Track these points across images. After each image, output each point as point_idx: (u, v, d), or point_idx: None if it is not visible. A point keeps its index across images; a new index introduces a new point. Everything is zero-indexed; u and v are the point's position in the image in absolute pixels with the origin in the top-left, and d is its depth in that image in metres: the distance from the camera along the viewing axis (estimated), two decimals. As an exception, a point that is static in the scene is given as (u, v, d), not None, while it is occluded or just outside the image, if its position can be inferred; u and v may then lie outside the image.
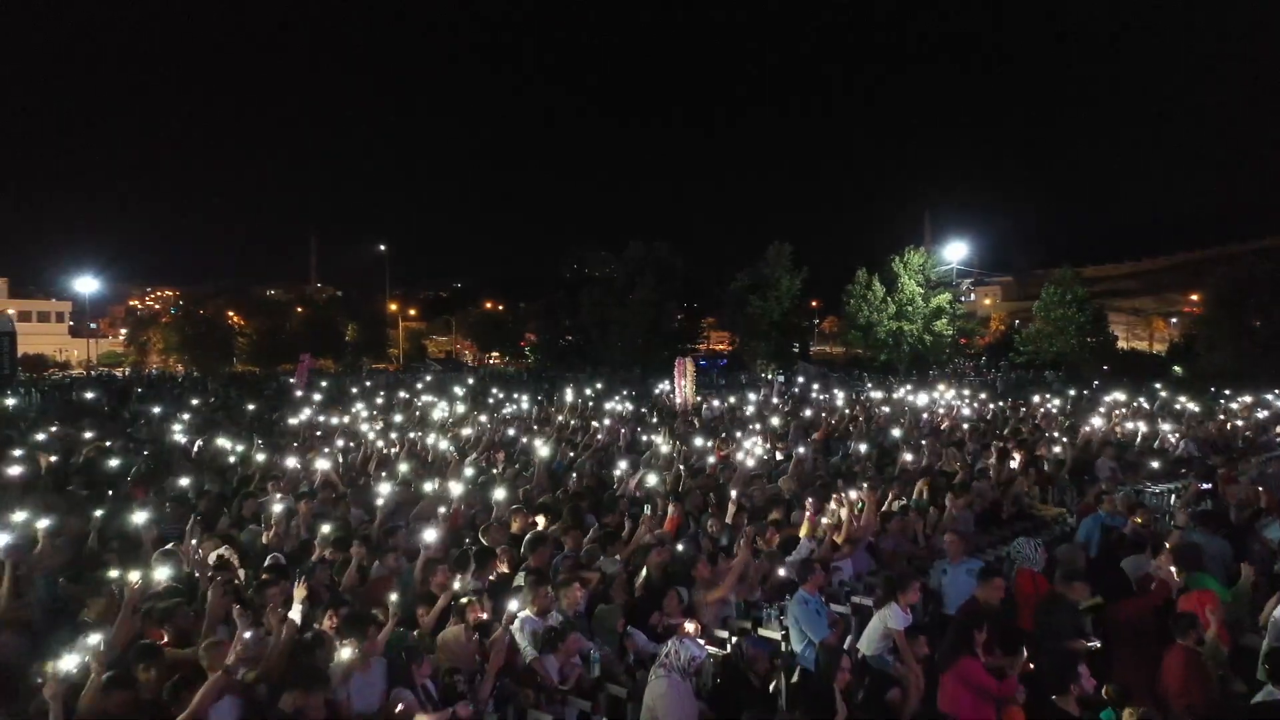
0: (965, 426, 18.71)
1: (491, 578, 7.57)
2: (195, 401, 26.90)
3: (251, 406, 24.54)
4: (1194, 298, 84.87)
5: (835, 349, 72.18)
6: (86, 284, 71.52)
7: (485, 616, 6.34)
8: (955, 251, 58.91)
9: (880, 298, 51.52)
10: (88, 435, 15.91)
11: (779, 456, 14.94)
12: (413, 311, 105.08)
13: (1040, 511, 12.06)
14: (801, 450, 13.19)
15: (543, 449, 12.93)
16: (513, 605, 6.21)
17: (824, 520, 9.07)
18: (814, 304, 76.74)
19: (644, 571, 7.86)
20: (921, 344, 52.12)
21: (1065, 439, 15.75)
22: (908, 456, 14.26)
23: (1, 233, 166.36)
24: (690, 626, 6.77)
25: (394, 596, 6.43)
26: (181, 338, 70.16)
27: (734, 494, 10.19)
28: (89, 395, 29.18)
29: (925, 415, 20.79)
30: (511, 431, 17.32)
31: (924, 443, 15.38)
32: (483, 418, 19.44)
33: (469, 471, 12.19)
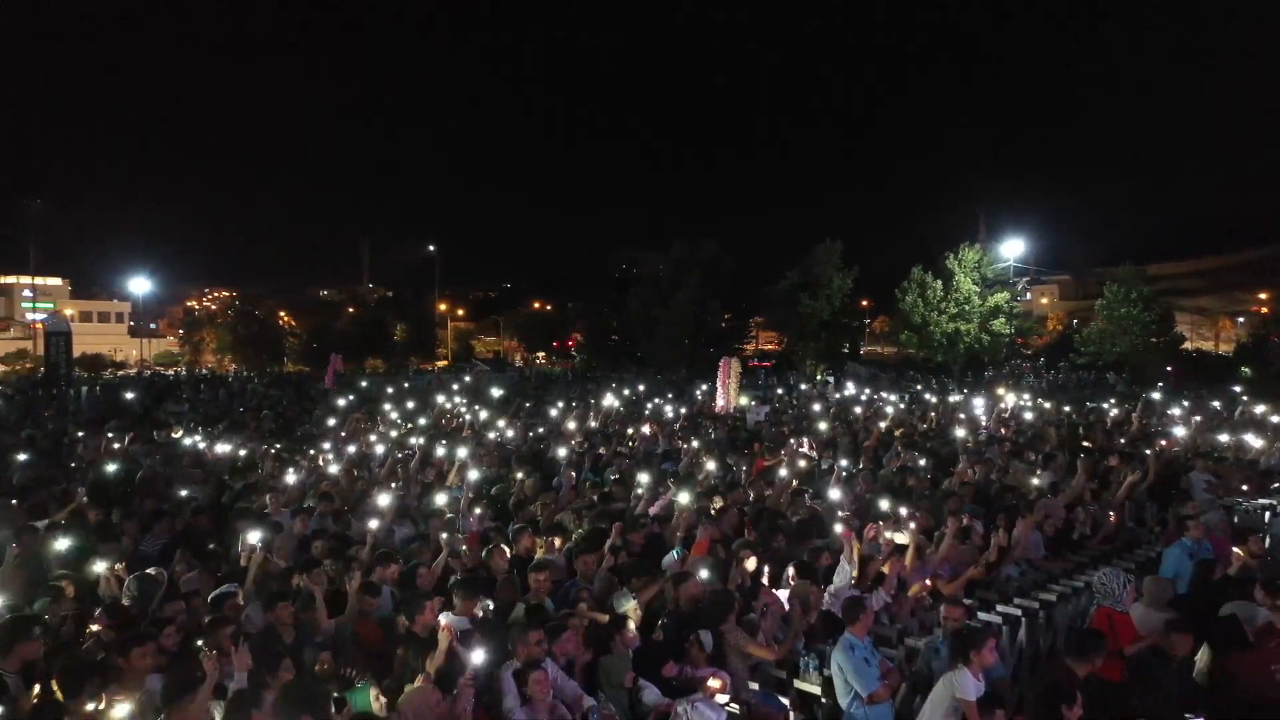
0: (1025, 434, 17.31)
1: (478, 613, 6.55)
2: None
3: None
4: (1262, 296, 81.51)
5: (887, 349, 70.41)
6: (140, 284, 72.73)
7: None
8: (1012, 248, 56.73)
9: (938, 296, 49.76)
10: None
11: (824, 465, 13.72)
12: (461, 312, 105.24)
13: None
14: (845, 462, 11.94)
15: (564, 460, 11.66)
16: (475, 656, 5.21)
17: (882, 538, 7.95)
18: (864, 303, 75.03)
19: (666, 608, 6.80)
20: (978, 344, 50.32)
21: (1148, 450, 14.18)
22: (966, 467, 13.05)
23: (65, 236, 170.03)
24: (716, 683, 5.75)
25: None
26: (234, 338, 71.11)
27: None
28: (129, 395, 28.91)
29: (984, 421, 19.42)
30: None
31: (987, 453, 14.05)
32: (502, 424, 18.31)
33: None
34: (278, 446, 14.79)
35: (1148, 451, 13.46)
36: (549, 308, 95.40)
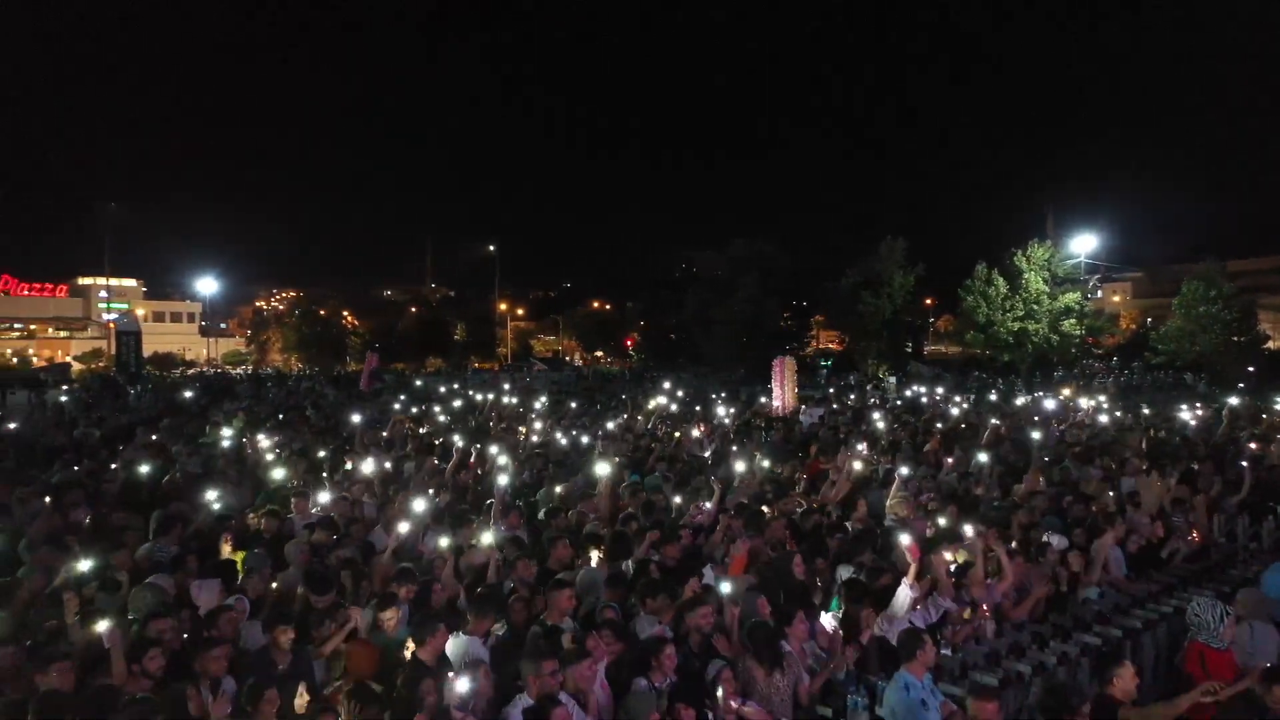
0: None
1: (499, 630, 5.98)
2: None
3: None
4: (1350, 293, 77.49)
5: (951, 349, 68.66)
6: (207, 285, 74.71)
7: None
8: (1083, 244, 54.70)
9: (1003, 295, 48.09)
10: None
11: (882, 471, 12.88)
12: (520, 311, 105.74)
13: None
14: (905, 470, 11.10)
15: (603, 464, 10.91)
16: (460, 685, 4.60)
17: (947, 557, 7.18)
18: (928, 302, 73.30)
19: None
20: (1047, 344, 48.56)
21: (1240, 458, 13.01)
22: (1038, 476, 12.16)
23: (139, 237, 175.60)
24: (751, 709, 5.11)
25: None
26: (298, 337, 72.38)
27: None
28: (188, 394, 29.19)
29: (1054, 424, 18.34)
30: (564, 440, 15.30)
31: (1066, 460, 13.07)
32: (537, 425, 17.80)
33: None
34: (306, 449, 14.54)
35: (1243, 462, 12.25)
36: (608, 307, 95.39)
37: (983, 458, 13.07)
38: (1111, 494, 10.90)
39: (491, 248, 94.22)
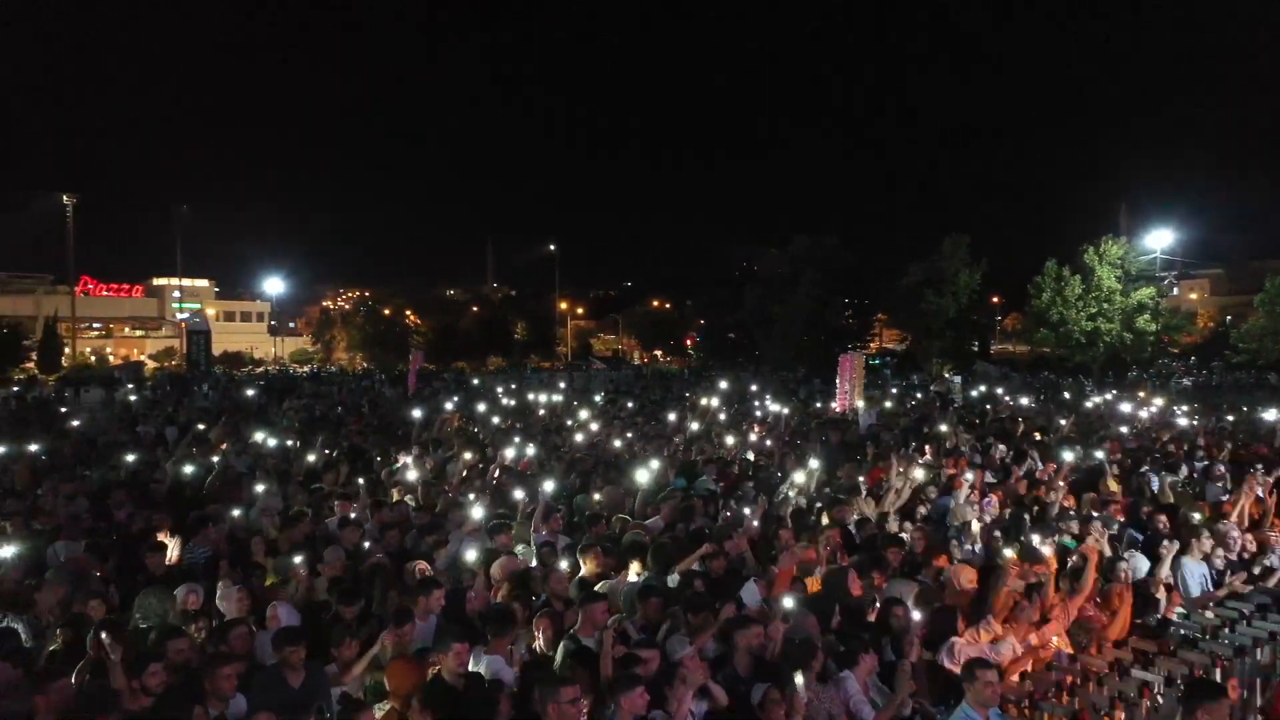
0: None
1: (521, 651, 5.61)
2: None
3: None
4: None
5: (1019, 348, 66.82)
6: (274, 285, 76.54)
7: None
8: (1159, 239, 52.66)
9: (1076, 293, 46.48)
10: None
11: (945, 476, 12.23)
12: (580, 310, 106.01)
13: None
14: (970, 476, 10.50)
15: (644, 470, 10.35)
16: None
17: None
18: (995, 300, 71.50)
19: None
20: (1120, 343, 46.84)
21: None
22: (1112, 484, 11.47)
23: (210, 239, 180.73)
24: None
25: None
26: (362, 336, 73.51)
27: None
28: (250, 392, 29.61)
29: (1128, 429, 17.44)
30: (618, 443, 14.66)
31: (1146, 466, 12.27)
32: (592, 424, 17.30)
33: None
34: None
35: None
36: (667, 306, 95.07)
37: (1068, 455, 12.35)
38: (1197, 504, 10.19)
39: (552, 247, 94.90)
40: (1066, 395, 28.11)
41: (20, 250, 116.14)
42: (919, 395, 29.62)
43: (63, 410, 23.35)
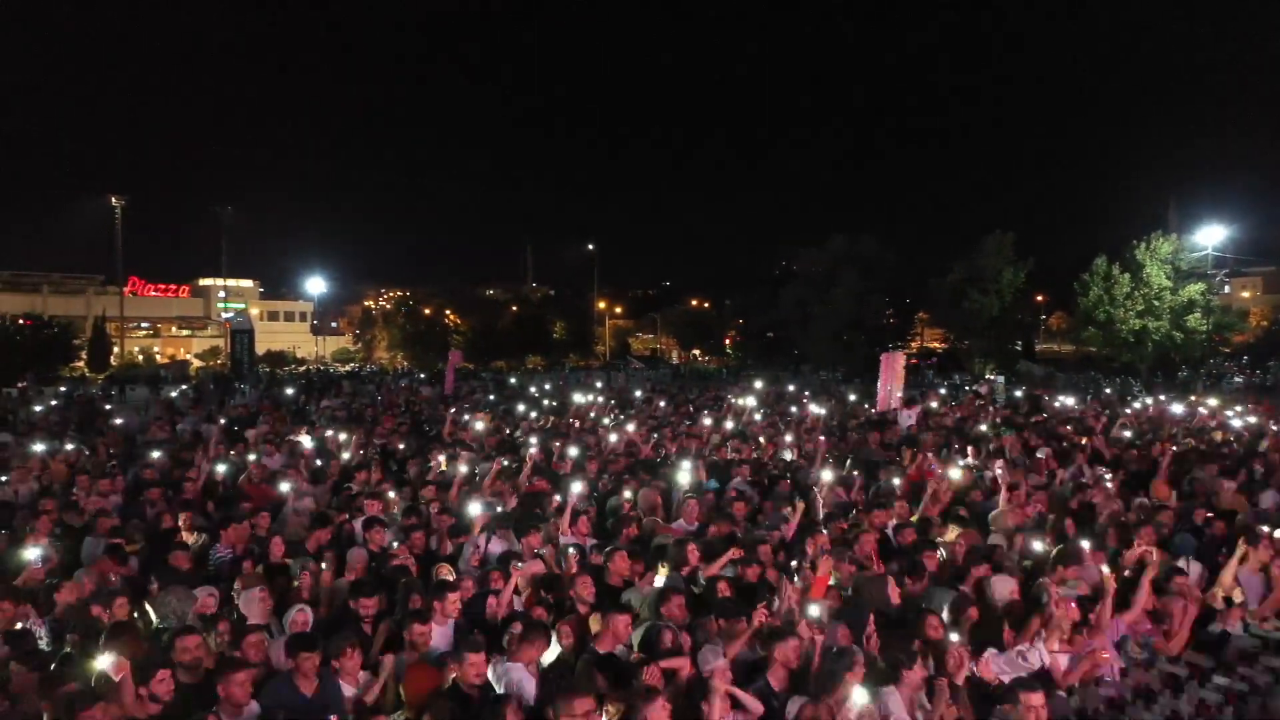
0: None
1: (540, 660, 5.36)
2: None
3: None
4: None
5: (1063, 347, 65.54)
6: (316, 285, 77.46)
7: None
8: (1210, 236, 51.16)
9: (1125, 290, 45.33)
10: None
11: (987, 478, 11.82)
12: (619, 309, 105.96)
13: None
14: (1017, 480, 10.09)
15: (685, 470, 10.15)
16: None
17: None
18: (1039, 298, 70.23)
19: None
20: (1170, 342, 45.60)
21: None
22: (1164, 487, 11.00)
23: (254, 240, 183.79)
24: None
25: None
26: (402, 335, 74.10)
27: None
28: (289, 390, 29.82)
29: (1178, 430, 16.83)
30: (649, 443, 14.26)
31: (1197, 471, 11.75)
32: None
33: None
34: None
35: None
36: (706, 305, 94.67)
37: (1101, 466, 11.92)
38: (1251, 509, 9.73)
39: (590, 246, 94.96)
40: (1112, 394, 27.27)
41: (72, 252, 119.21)
42: (958, 395, 28.95)
43: (107, 408, 23.69)
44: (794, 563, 7.19)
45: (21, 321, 50.63)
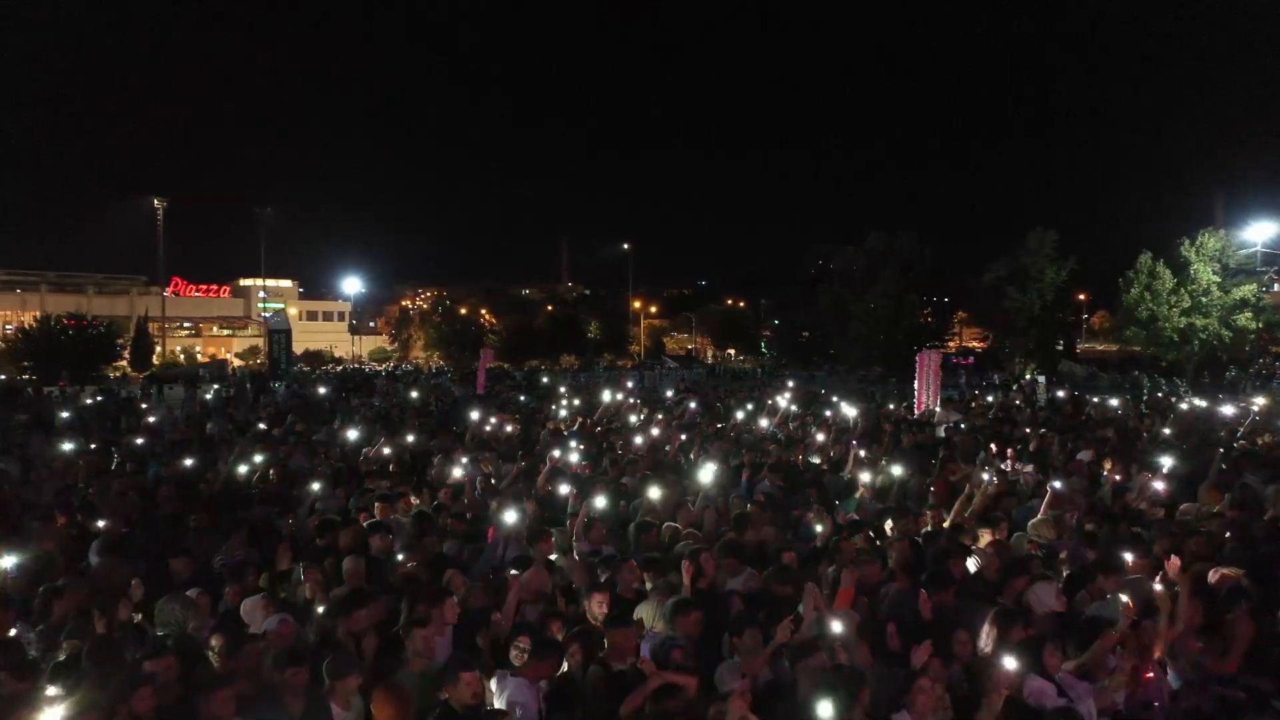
0: None
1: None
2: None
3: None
4: None
5: (1107, 347, 64.15)
6: (352, 284, 78.29)
7: None
8: (1260, 232, 49.69)
9: (1169, 288, 44.08)
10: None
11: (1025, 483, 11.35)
12: (654, 309, 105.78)
13: None
14: (1059, 484, 9.59)
15: (706, 471, 9.79)
16: None
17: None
18: (1082, 297, 68.82)
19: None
20: (1218, 341, 44.33)
21: None
22: (1213, 494, 10.45)
23: (295, 241, 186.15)
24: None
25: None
26: (438, 334, 74.50)
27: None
28: (321, 390, 29.86)
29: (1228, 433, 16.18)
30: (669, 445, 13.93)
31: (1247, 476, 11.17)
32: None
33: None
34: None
35: None
36: (742, 305, 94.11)
37: (1167, 461, 11.32)
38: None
39: (625, 245, 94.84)
40: (1160, 395, 26.48)
41: (118, 253, 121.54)
42: (996, 396, 28.22)
43: (143, 407, 23.85)
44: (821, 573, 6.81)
45: (66, 321, 51.37)
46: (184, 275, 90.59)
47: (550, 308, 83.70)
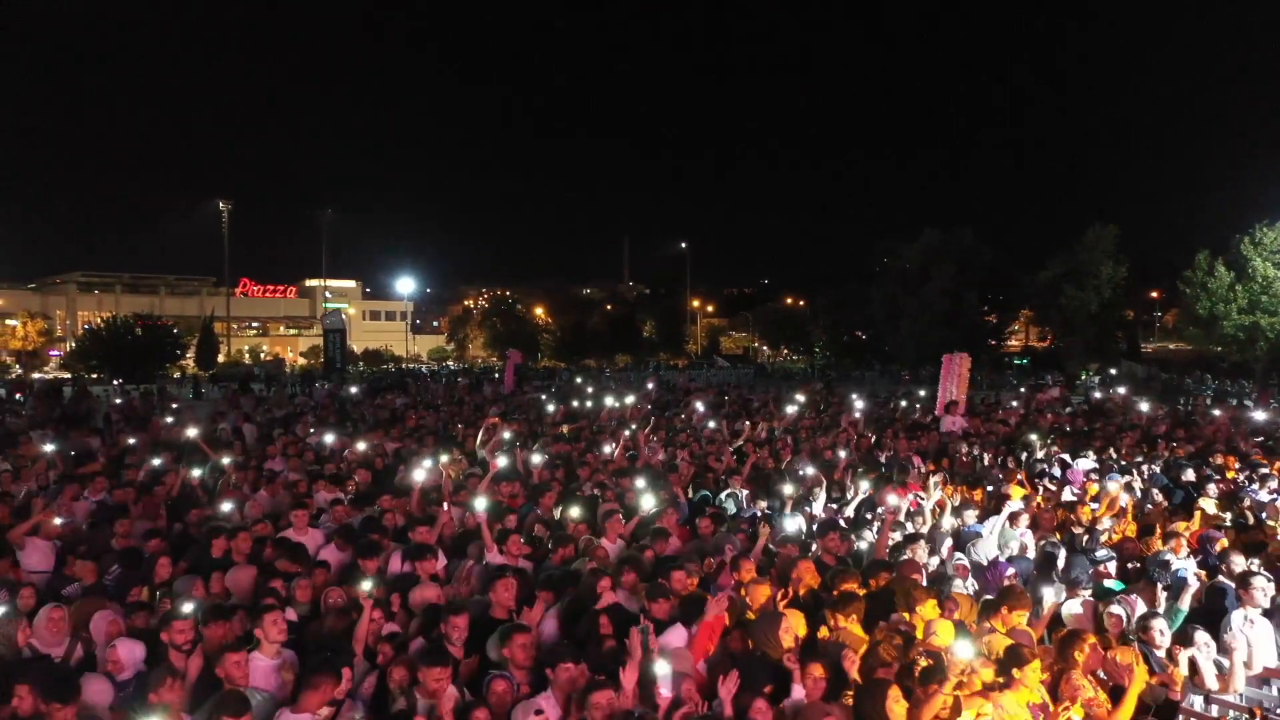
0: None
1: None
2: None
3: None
4: None
5: (1180, 345, 61.55)
6: (405, 284, 79.45)
7: None
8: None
9: (1225, 285, 41.81)
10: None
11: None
12: (710, 308, 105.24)
13: None
14: (1114, 485, 8.94)
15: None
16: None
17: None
18: (1154, 294, 66.25)
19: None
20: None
21: None
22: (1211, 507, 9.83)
23: (361, 242, 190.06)
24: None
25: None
26: (494, 334, 75.06)
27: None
28: (353, 389, 30.05)
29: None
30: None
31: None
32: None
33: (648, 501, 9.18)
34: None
35: None
36: (800, 304, 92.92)
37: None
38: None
39: (684, 245, 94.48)
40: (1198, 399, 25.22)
41: (190, 254, 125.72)
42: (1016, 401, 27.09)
43: (173, 406, 24.23)
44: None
45: (136, 321, 52.76)
46: (254, 276, 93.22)
47: (610, 307, 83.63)
